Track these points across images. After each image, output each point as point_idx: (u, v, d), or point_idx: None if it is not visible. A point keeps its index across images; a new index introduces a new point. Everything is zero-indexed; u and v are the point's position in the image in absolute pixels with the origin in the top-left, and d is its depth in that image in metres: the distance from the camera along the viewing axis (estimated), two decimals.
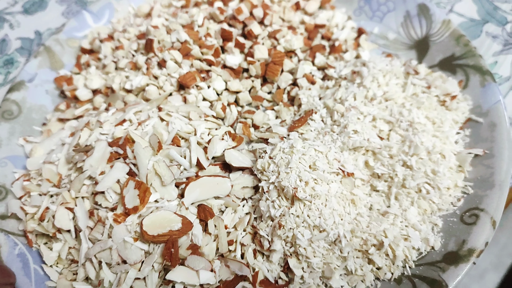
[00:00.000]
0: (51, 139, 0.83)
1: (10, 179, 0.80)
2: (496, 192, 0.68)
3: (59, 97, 0.95)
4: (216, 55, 0.90)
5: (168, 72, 0.87)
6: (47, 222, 0.71)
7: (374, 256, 0.67)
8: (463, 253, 0.64)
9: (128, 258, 0.64)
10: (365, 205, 0.72)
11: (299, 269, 0.68)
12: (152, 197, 0.68)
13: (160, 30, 0.90)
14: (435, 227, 0.70)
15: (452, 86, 0.80)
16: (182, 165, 0.71)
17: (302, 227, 0.66)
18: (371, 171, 0.74)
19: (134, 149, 0.70)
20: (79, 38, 1.01)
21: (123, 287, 0.63)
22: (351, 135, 0.74)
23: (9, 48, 1.05)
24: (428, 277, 0.64)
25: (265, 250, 0.69)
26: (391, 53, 0.94)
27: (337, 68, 0.90)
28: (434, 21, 0.90)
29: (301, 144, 0.73)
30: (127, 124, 0.77)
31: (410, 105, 0.78)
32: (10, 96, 0.89)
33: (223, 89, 0.89)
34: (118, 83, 0.89)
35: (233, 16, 0.92)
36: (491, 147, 0.73)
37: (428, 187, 0.70)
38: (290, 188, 0.67)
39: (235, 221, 0.71)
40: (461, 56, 0.84)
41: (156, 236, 0.64)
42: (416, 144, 0.71)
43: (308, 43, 0.93)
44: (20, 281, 0.69)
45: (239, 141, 0.78)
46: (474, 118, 0.78)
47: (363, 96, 0.79)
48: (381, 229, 0.67)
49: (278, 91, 0.90)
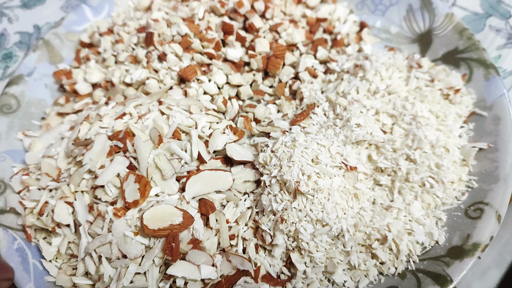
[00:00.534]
0: (50, 133, 0.82)
1: (9, 173, 0.79)
2: (501, 186, 0.67)
3: (58, 91, 0.94)
4: (217, 48, 0.89)
5: (168, 65, 0.86)
6: (46, 216, 0.70)
7: (378, 251, 0.66)
8: (468, 248, 0.63)
9: (128, 252, 0.64)
10: (368, 200, 0.71)
11: (301, 264, 0.67)
12: (153, 191, 0.67)
13: (160, 24, 0.90)
14: (439, 222, 0.69)
15: (455, 80, 0.79)
16: (183, 158, 0.71)
17: (305, 221, 0.66)
18: (374, 165, 0.73)
19: (134, 143, 0.69)
20: (78, 32, 1.00)
21: (123, 282, 0.62)
22: (354, 128, 0.73)
23: (7, 42, 1.04)
24: (432, 271, 0.64)
25: (267, 244, 0.68)
26: (393, 47, 0.93)
27: (339, 61, 0.89)
28: (437, 14, 0.89)
29: (303, 137, 0.72)
30: (127, 118, 0.76)
31: (414, 98, 0.77)
32: (9, 90, 0.88)
33: (224, 83, 0.89)
34: (118, 77, 0.88)
35: (234, 10, 0.91)
36: (496, 140, 0.72)
37: (432, 181, 0.70)
38: (292, 182, 0.66)
39: (237, 216, 0.71)
40: (465, 49, 0.83)
41: (156, 230, 0.63)
42: (420, 138, 0.70)
43: (310, 36, 0.92)
44: (19, 276, 0.68)
45: (240, 135, 0.78)
46: (478, 112, 0.77)
47: (366, 89, 0.79)
48: (385, 224, 0.66)
49: (280, 84, 0.89)
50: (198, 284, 0.64)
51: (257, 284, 0.66)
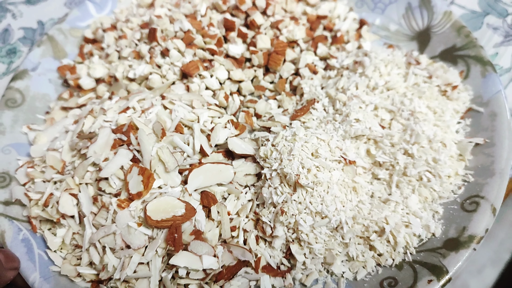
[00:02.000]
0: (55, 127, 0.84)
1: (14, 166, 0.81)
2: (496, 180, 0.69)
3: (62, 86, 0.96)
4: (219, 44, 0.90)
5: (171, 61, 0.87)
6: (51, 208, 0.71)
7: (376, 243, 0.67)
8: (463, 240, 0.65)
9: (132, 243, 0.65)
10: (366, 193, 0.72)
11: (301, 255, 0.68)
12: (156, 183, 0.68)
13: (163, 20, 0.91)
14: (436, 215, 0.71)
15: (453, 76, 0.81)
16: (185, 152, 0.72)
17: (304, 213, 0.67)
18: (372, 159, 0.75)
19: (137, 136, 0.71)
20: (82, 28, 1.02)
21: (127, 272, 0.64)
22: (353, 123, 0.75)
23: (11, 38, 1.05)
24: (429, 263, 0.65)
25: (268, 236, 0.70)
26: (392, 44, 0.94)
27: (339, 58, 0.90)
28: (435, 12, 0.90)
29: (303, 132, 0.74)
30: (131, 112, 0.78)
31: (412, 94, 0.78)
32: (14, 84, 0.89)
33: (226, 79, 0.90)
34: (121, 72, 0.89)
35: (236, 6, 0.93)
36: (492, 136, 0.74)
37: (429, 175, 0.71)
38: (292, 175, 0.67)
39: (238, 208, 0.72)
40: (462, 47, 0.85)
41: (159, 221, 0.64)
42: (418, 133, 0.72)
43: (310, 33, 0.93)
44: (24, 266, 0.70)
45: (241, 130, 0.79)
46: (475, 108, 0.78)
47: (365, 85, 0.80)
48: (383, 216, 0.68)
49: (281, 80, 0.90)
50: (199, 274, 0.65)
51: (257, 274, 0.68)
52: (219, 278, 0.66)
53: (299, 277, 0.69)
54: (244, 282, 0.69)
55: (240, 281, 0.68)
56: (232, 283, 0.67)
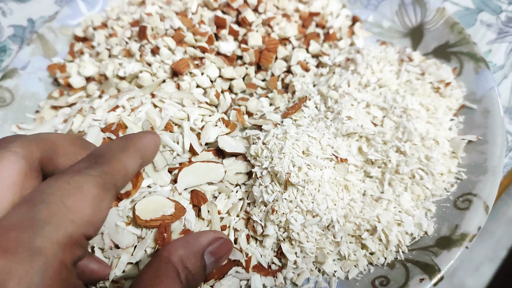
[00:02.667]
0: (44, 126, 0.83)
1: None
2: (489, 177, 0.68)
3: (52, 85, 0.95)
4: (210, 42, 0.90)
5: (161, 59, 0.86)
6: None
7: (367, 241, 0.67)
8: (455, 238, 0.64)
9: (120, 242, 0.64)
10: (358, 191, 0.71)
11: (292, 254, 0.67)
12: (145, 182, 0.67)
13: (153, 17, 0.90)
14: (429, 213, 0.70)
15: (446, 73, 0.80)
16: (175, 150, 0.71)
17: (295, 212, 0.66)
18: (364, 157, 0.74)
19: None
20: (72, 26, 1.01)
21: (116, 272, 0.63)
22: (345, 121, 0.74)
23: (1, 36, 1.04)
24: (421, 261, 0.64)
25: (258, 235, 0.69)
26: (385, 41, 0.94)
27: (331, 55, 0.90)
28: (428, 9, 0.90)
29: (294, 130, 0.73)
30: (120, 110, 0.77)
31: (404, 91, 0.78)
32: (3, 83, 0.88)
33: (217, 76, 0.89)
34: (112, 70, 0.88)
35: (227, 4, 0.92)
36: (485, 133, 0.73)
37: (422, 173, 0.70)
38: (283, 173, 0.67)
39: (228, 207, 0.71)
40: (455, 43, 0.84)
41: (148, 221, 0.64)
42: (410, 130, 0.71)
43: (302, 30, 0.93)
44: None
45: (232, 128, 0.78)
46: (468, 105, 0.78)
47: (357, 82, 0.79)
48: (374, 215, 0.67)
49: (272, 78, 0.89)
50: None
51: (248, 274, 0.67)
52: (209, 278, 0.65)
53: (290, 276, 0.68)
54: (235, 281, 0.68)
55: (231, 280, 0.67)
56: (222, 283, 0.66)
